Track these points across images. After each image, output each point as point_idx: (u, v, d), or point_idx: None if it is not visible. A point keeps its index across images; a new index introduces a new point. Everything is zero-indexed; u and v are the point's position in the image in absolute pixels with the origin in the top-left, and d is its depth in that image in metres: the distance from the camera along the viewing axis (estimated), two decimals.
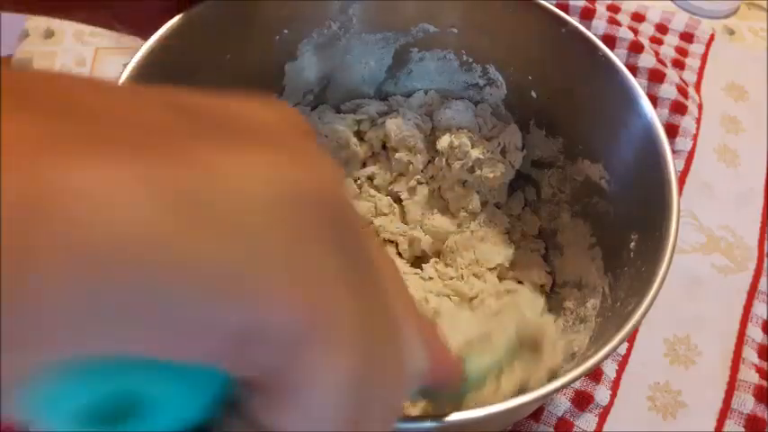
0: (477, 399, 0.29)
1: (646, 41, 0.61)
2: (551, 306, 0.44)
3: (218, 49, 0.42)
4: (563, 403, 0.43)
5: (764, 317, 0.48)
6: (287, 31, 0.45)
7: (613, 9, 0.64)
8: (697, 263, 0.51)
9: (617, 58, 0.40)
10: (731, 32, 0.66)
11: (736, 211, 0.54)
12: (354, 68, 0.49)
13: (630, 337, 0.46)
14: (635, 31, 0.61)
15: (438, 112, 0.49)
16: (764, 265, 0.51)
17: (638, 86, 0.39)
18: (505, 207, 0.49)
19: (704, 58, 0.63)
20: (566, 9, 0.60)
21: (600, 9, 0.61)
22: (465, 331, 0.31)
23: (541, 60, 0.44)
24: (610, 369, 0.45)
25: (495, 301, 0.41)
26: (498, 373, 0.30)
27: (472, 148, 0.47)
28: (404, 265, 0.48)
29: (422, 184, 0.50)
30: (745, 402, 0.44)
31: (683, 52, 0.63)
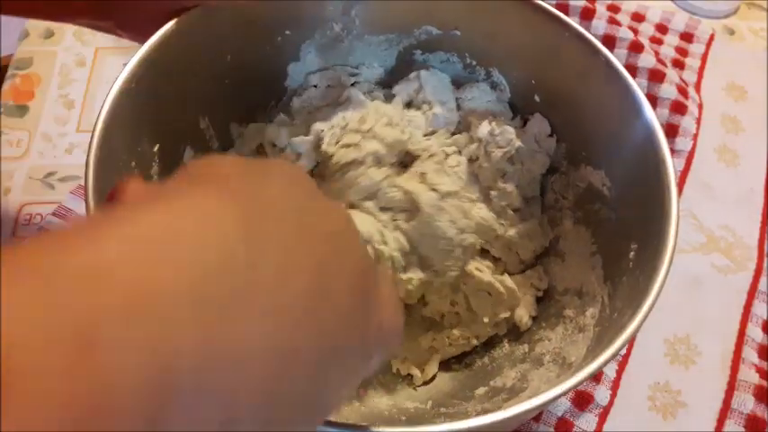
0: None
1: (646, 41, 0.61)
2: (552, 313, 0.43)
3: (220, 49, 0.42)
4: (563, 403, 0.43)
5: (764, 317, 0.48)
6: (289, 32, 0.45)
7: (613, 9, 0.64)
8: (697, 263, 0.51)
9: (619, 62, 0.40)
10: (731, 32, 0.67)
11: (736, 211, 0.54)
12: (357, 70, 0.49)
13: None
14: (635, 31, 0.61)
15: (462, 90, 0.48)
16: (764, 265, 0.51)
17: (642, 94, 0.39)
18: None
19: (704, 58, 0.63)
20: (566, 9, 0.60)
21: (600, 9, 0.60)
22: None
23: (545, 64, 0.44)
24: (610, 369, 0.45)
25: None
26: None
27: (516, 136, 0.44)
28: None
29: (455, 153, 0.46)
30: (745, 402, 0.44)
31: (683, 52, 0.63)
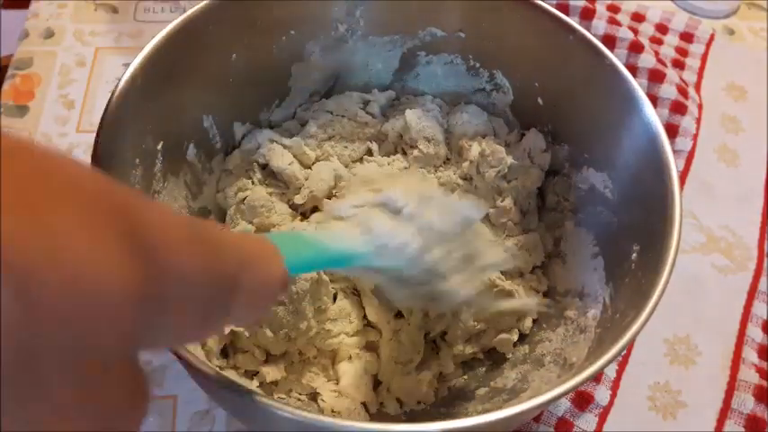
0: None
1: (646, 41, 0.61)
2: (553, 314, 0.43)
3: (225, 48, 0.42)
4: (563, 403, 0.43)
5: (764, 317, 0.48)
6: (293, 32, 0.45)
7: (613, 9, 0.64)
8: (697, 263, 0.51)
9: (622, 65, 0.40)
10: (731, 32, 0.67)
11: (736, 211, 0.54)
12: (361, 71, 0.49)
13: None
14: (635, 31, 0.61)
15: (453, 115, 0.49)
16: (764, 265, 0.51)
17: (645, 97, 0.39)
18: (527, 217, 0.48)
19: (704, 58, 0.63)
20: (566, 9, 0.60)
21: (600, 9, 0.60)
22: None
23: (548, 67, 0.44)
24: (610, 369, 0.45)
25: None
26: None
27: (507, 154, 0.46)
28: None
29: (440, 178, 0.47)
30: (745, 402, 0.44)
31: (683, 52, 0.63)
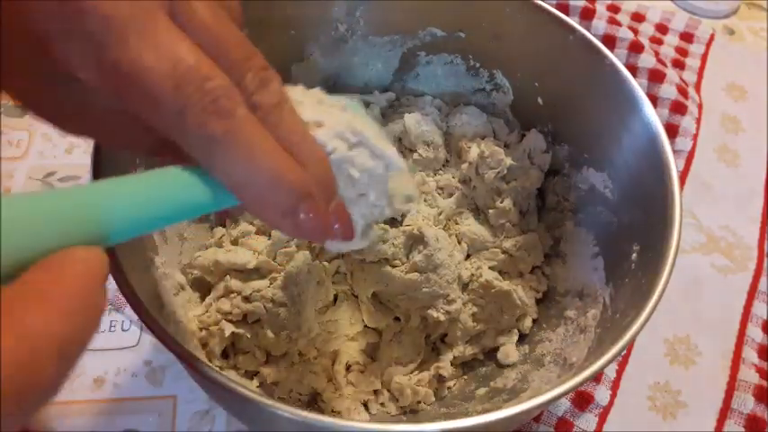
0: None
1: (646, 41, 0.61)
2: (553, 315, 0.43)
3: None
4: (563, 403, 0.43)
5: (764, 317, 0.48)
6: (294, 32, 0.45)
7: (613, 9, 0.64)
8: (697, 263, 0.51)
9: (622, 65, 0.40)
10: (731, 32, 0.67)
11: (736, 211, 0.54)
12: (361, 71, 0.49)
13: None
14: (635, 31, 0.61)
15: (452, 116, 0.49)
16: (764, 265, 0.51)
17: (645, 97, 0.39)
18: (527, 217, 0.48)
19: (704, 58, 0.63)
20: (566, 9, 0.60)
21: (600, 9, 0.60)
22: None
23: (548, 67, 0.44)
24: (610, 369, 0.45)
25: None
26: None
27: (505, 156, 0.46)
28: None
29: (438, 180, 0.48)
30: (745, 402, 0.44)
31: (683, 52, 0.63)
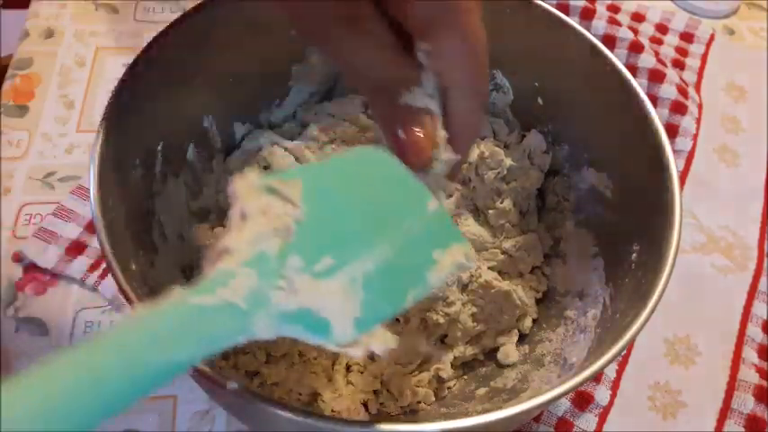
0: None
1: (646, 41, 0.61)
2: (553, 315, 0.43)
3: (223, 48, 0.42)
4: (563, 403, 0.43)
5: (764, 317, 0.48)
6: (294, 32, 0.45)
7: (613, 9, 0.64)
8: (697, 263, 0.51)
9: (622, 65, 0.40)
10: (731, 32, 0.66)
11: (736, 211, 0.54)
12: None
13: None
14: (635, 31, 0.61)
15: None
16: (764, 265, 0.51)
17: (645, 97, 0.38)
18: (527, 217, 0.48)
19: (704, 58, 0.63)
20: (566, 9, 0.60)
21: (600, 9, 0.60)
22: None
23: (548, 67, 0.44)
24: (610, 369, 0.45)
25: None
26: None
27: (505, 156, 0.46)
28: None
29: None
30: (745, 402, 0.44)
31: (683, 52, 0.63)
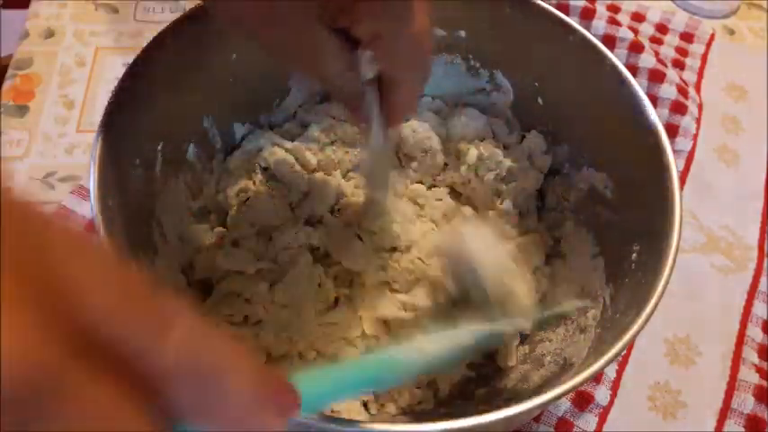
0: None
1: (646, 41, 0.61)
2: (552, 316, 0.43)
3: (225, 48, 0.42)
4: (563, 403, 0.43)
5: (764, 317, 0.48)
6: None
7: (613, 9, 0.64)
8: (697, 263, 0.51)
9: (623, 65, 0.40)
10: (731, 32, 0.66)
11: (736, 211, 0.54)
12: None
13: None
14: (635, 31, 0.61)
15: (452, 119, 0.49)
16: (764, 265, 0.51)
17: (645, 97, 0.39)
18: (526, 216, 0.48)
19: (704, 58, 0.63)
20: (566, 9, 0.60)
21: (600, 9, 0.60)
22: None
23: (548, 67, 0.44)
24: (610, 369, 0.45)
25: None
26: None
27: (504, 157, 0.46)
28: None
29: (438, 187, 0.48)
30: (745, 402, 0.44)
31: (683, 52, 0.63)
